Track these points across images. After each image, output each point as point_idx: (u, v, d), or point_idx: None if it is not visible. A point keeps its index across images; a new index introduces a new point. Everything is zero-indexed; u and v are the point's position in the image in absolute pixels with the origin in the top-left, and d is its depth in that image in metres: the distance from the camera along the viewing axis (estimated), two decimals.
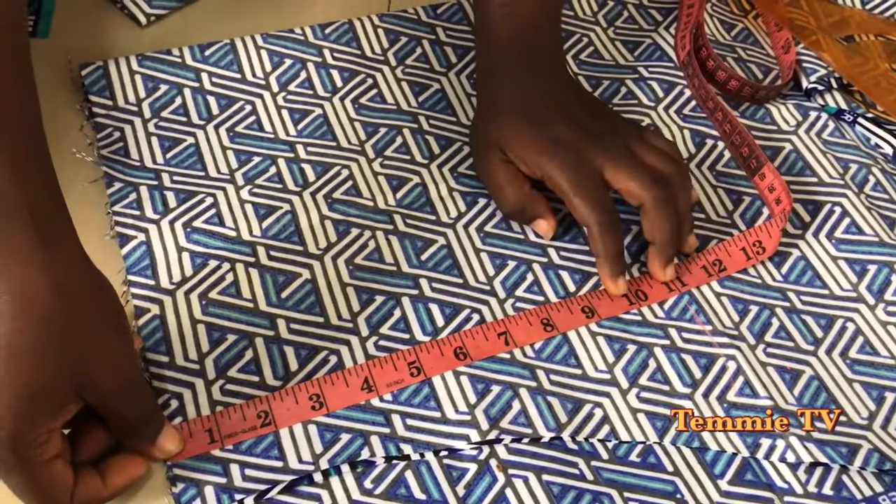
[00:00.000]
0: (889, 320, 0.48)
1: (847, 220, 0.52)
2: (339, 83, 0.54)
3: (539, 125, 0.47)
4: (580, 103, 0.49)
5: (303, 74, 0.54)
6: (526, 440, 0.42)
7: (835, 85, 0.57)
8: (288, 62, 0.54)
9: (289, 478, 0.39)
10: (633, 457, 0.42)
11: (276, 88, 0.53)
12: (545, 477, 0.40)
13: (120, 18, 0.56)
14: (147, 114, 0.51)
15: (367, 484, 0.40)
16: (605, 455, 0.42)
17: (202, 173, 0.49)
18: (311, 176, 0.50)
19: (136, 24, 0.55)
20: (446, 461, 0.41)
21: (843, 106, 0.57)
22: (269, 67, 0.54)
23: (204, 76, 0.53)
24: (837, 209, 0.52)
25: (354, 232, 0.48)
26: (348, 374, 0.42)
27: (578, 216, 0.45)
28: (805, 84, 0.57)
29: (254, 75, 0.53)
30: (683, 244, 0.48)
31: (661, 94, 0.57)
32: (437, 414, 0.42)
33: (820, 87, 0.57)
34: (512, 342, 0.44)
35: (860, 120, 0.56)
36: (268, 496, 0.39)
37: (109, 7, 0.56)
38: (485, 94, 0.50)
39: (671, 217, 0.46)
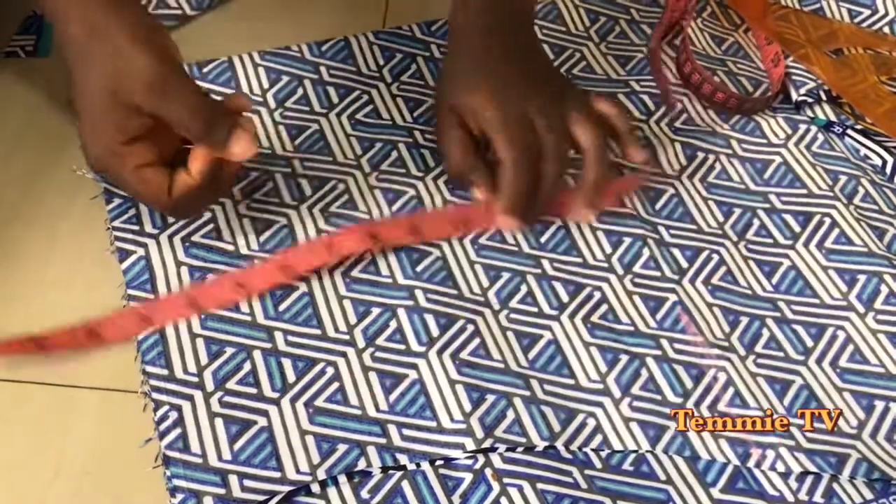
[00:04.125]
0: (879, 328, 0.49)
1: (836, 231, 0.53)
2: (335, 99, 0.55)
3: (492, 83, 0.48)
4: (539, 71, 0.51)
5: (299, 91, 0.55)
6: (520, 449, 0.42)
7: (824, 97, 0.58)
8: (285, 79, 0.55)
9: (286, 488, 0.40)
10: (627, 465, 0.43)
11: (273, 105, 0.54)
12: (540, 485, 0.41)
13: None
14: None
15: (364, 494, 0.40)
16: (598, 464, 0.43)
17: None
18: (307, 190, 0.51)
19: None
20: (442, 471, 0.41)
21: (833, 118, 0.58)
22: (266, 84, 0.55)
23: None
24: (827, 220, 0.53)
25: None
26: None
27: (498, 152, 0.47)
28: (795, 96, 0.58)
29: (251, 92, 0.54)
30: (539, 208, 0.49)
31: (652, 107, 0.58)
32: (433, 423, 0.43)
33: (809, 100, 0.58)
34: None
35: (849, 132, 0.57)
36: None
37: None
38: (451, 58, 0.51)
39: (522, 180, 0.47)
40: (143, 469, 0.40)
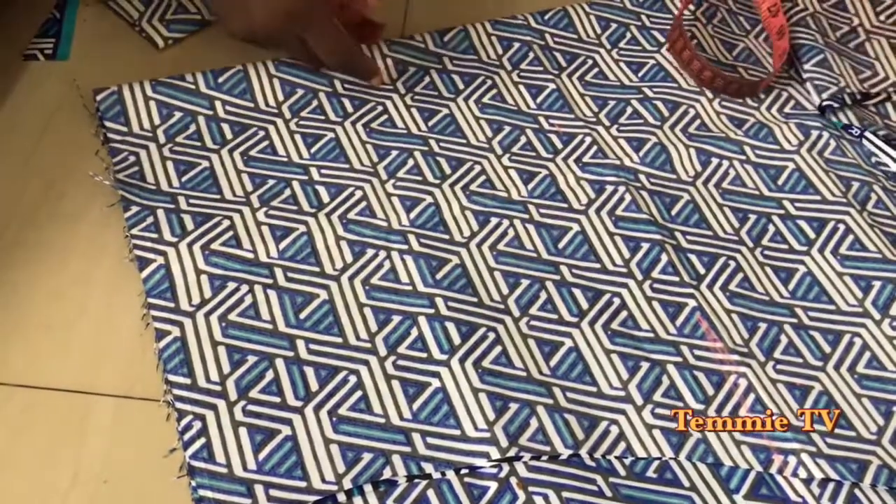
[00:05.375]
0: (895, 335, 0.49)
1: (850, 238, 0.53)
2: (350, 109, 0.55)
3: None
4: None
5: (314, 102, 0.55)
6: (545, 457, 0.42)
7: (848, 101, 0.58)
8: (300, 92, 0.55)
9: (312, 498, 0.39)
10: (650, 473, 0.43)
11: (288, 115, 0.54)
12: (565, 494, 0.41)
13: (138, 42, 0.57)
14: (161, 139, 0.51)
15: (390, 503, 0.40)
16: (622, 471, 0.43)
17: (218, 196, 0.49)
18: (325, 197, 0.50)
19: (154, 47, 0.56)
20: (467, 479, 0.41)
21: (855, 122, 0.58)
22: (281, 97, 0.54)
23: (217, 104, 0.53)
24: (841, 227, 0.53)
25: (370, 252, 0.48)
26: None
27: None
28: (818, 101, 0.58)
29: (266, 104, 0.54)
30: None
31: (666, 113, 0.58)
32: (457, 432, 0.42)
33: (835, 105, 0.58)
34: None
35: (867, 134, 0.58)
36: None
37: (128, 31, 0.57)
38: None
39: None
40: (161, 478, 0.40)
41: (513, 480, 0.41)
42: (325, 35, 0.53)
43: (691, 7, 0.64)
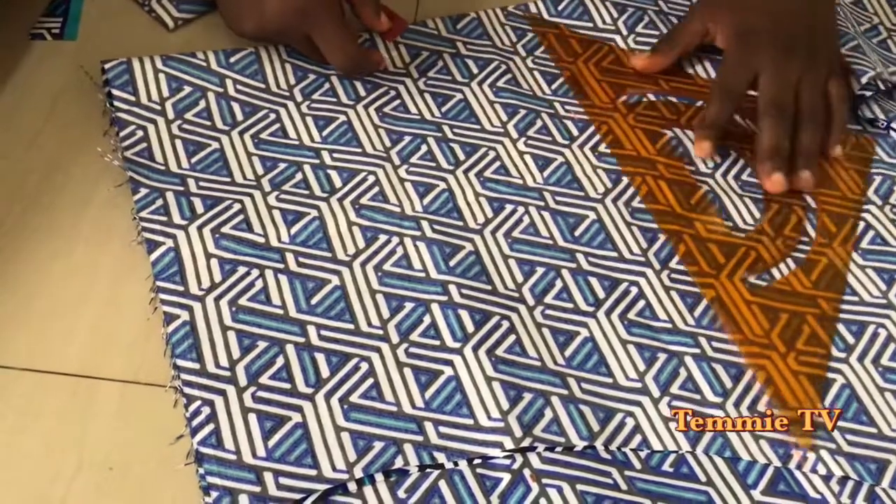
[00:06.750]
0: None
1: (871, 233, 0.52)
2: (362, 93, 0.54)
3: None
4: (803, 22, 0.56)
5: (326, 85, 0.54)
6: (559, 449, 0.41)
7: (882, 86, 0.57)
8: (311, 77, 0.54)
9: (323, 487, 0.39)
10: (667, 466, 0.42)
11: (299, 98, 0.53)
12: (579, 486, 0.40)
13: (147, 22, 0.56)
14: (170, 114, 0.50)
15: (401, 494, 0.39)
16: (638, 465, 0.42)
17: (228, 179, 0.49)
18: (337, 182, 0.49)
19: (164, 27, 0.56)
20: (480, 470, 0.40)
21: (881, 115, 0.57)
22: (293, 80, 0.54)
23: (228, 82, 0.53)
24: (861, 223, 0.52)
25: (382, 238, 0.47)
26: None
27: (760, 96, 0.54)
28: (856, 88, 0.57)
29: (278, 86, 0.53)
30: (794, 178, 0.53)
31: (682, 108, 0.57)
32: (470, 421, 0.42)
33: (867, 94, 0.57)
34: None
35: (894, 125, 0.56)
36: None
37: (137, 10, 0.56)
38: None
39: (776, 133, 0.53)
40: (168, 465, 0.39)
41: (526, 472, 0.40)
42: (332, 36, 0.51)
43: None
